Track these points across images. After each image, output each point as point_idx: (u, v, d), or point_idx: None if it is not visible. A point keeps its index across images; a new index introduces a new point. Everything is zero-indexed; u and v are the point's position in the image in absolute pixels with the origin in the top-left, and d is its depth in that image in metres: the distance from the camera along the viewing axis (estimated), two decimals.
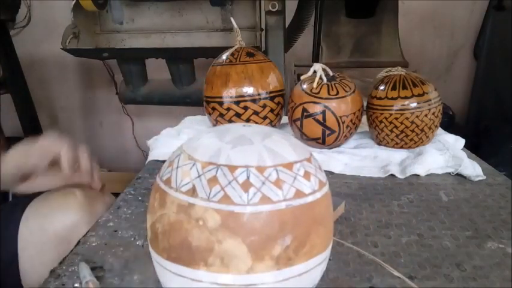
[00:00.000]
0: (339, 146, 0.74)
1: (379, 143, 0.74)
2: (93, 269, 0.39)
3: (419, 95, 0.67)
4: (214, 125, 0.76)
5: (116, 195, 0.59)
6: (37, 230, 0.53)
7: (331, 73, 0.72)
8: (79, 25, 1.43)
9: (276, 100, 0.74)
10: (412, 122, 0.67)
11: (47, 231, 0.52)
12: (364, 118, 0.76)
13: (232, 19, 0.76)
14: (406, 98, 0.67)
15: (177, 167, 0.30)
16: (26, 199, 0.57)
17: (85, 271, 0.38)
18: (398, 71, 0.71)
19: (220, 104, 0.72)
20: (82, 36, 1.45)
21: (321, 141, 0.71)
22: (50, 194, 0.57)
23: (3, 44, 1.64)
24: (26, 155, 0.53)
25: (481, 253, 0.43)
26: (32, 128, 1.82)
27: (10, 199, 0.68)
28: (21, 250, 0.52)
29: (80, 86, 2.23)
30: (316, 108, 0.68)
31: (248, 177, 0.28)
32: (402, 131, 0.69)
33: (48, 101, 2.25)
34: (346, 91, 0.69)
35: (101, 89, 2.21)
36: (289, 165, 0.29)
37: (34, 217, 0.54)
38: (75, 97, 2.26)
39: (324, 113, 0.68)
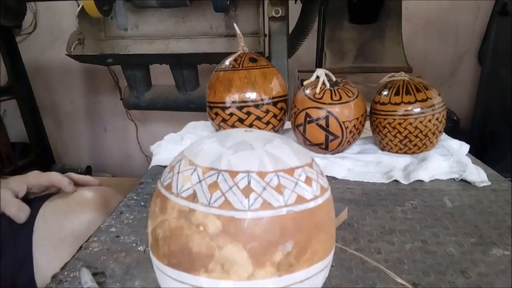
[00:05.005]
0: (342, 151, 0.74)
1: (382, 149, 0.74)
2: (94, 274, 0.39)
3: (422, 100, 0.66)
4: (217, 130, 0.76)
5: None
6: (55, 226, 0.54)
7: (334, 78, 0.72)
8: (84, 31, 1.44)
9: (278, 105, 0.74)
10: (416, 128, 0.67)
11: (65, 228, 0.54)
12: (368, 123, 0.75)
13: (235, 25, 0.76)
14: (409, 103, 0.67)
15: (178, 173, 0.30)
16: (41, 198, 0.59)
17: (86, 277, 0.38)
18: (402, 76, 0.71)
19: (223, 109, 0.72)
20: (87, 42, 1.46)
21: (324, 147, 0.71)
22: (66, 193, 0.59)
23: (9, 50, 1.66)
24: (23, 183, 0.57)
25: (486, 260, 0.42)
26: (37, 133, 1.83)
27: None
28: (38, 246, 0.53)
29: (84, 91, 2.25)
30: (319, 114, 0.68)
31: (249, 183, 0.27)
32: (406, 137, 0.68)
33: (53, 107, 2.27)
34: (349, 96, 0.69)
35: (105, 95, 2.23)
36: (290, 171, 0.29)
37: (52, 214, 0.55)
38: (79, 102, 2.27)
39: (327, 118, 0.68)
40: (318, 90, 0.69)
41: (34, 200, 0.57)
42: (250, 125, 0.72)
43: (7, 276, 0.53)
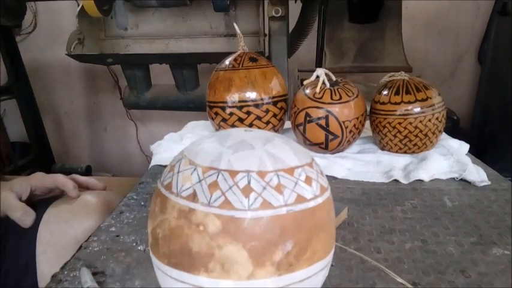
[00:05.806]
0: (342, 151, 0.74)
1: (382, 148, 0.74)
2: (94, 274, 0.39)
3: (422, 100, 0.66)
4: (217, 130, 0.76)
5: None
6: (58, 233, 0.53)
7: (334, 78, 0.72)
8: (84, 31, 1.44)
9: (278, 105, 0.74)
10: (416, 127, 0.67)
11: (68, 235, 0.53)
12: (368, 123, 0.75)
13: (235, 25, 0.76)
14: (409, 102, 0.67)
15: (178, 172, 0.30)
16: (45, 202, 0.58)
17: (86, 276, 0.38)
18: (402, 75, 0.71)
19: (223, 109, 0.72)
20: (87, 42, 1.46)
21: (324, 146, 0.71)
22: (69, 198, 0.58)
23: (9, 50, 1.66)
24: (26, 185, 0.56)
25: (486, 259, 0.42)
26: (37, 133, 1.83)
27: None
28: (41, 253, 0.53)
29: (84, 91, 2.25)
30: (319, 113, 0.68)
31: (249, 182, 0.27)
32: (406, 136, 0.69)
33: (52, 106, 2.27)
34: (349, 96, 0.69)
35: (105, 94, 2.23)
36: (290, 170, 0.29)
37: (55, 220, 0.55)
38: (79, 102, 2.27)
39: (326, 118, 0.68)
40: (318, 89, 0.69)
41: (38, 204, 0.57)
42: (250, 125, 0.72)
43: (11, 279, 0.52)
